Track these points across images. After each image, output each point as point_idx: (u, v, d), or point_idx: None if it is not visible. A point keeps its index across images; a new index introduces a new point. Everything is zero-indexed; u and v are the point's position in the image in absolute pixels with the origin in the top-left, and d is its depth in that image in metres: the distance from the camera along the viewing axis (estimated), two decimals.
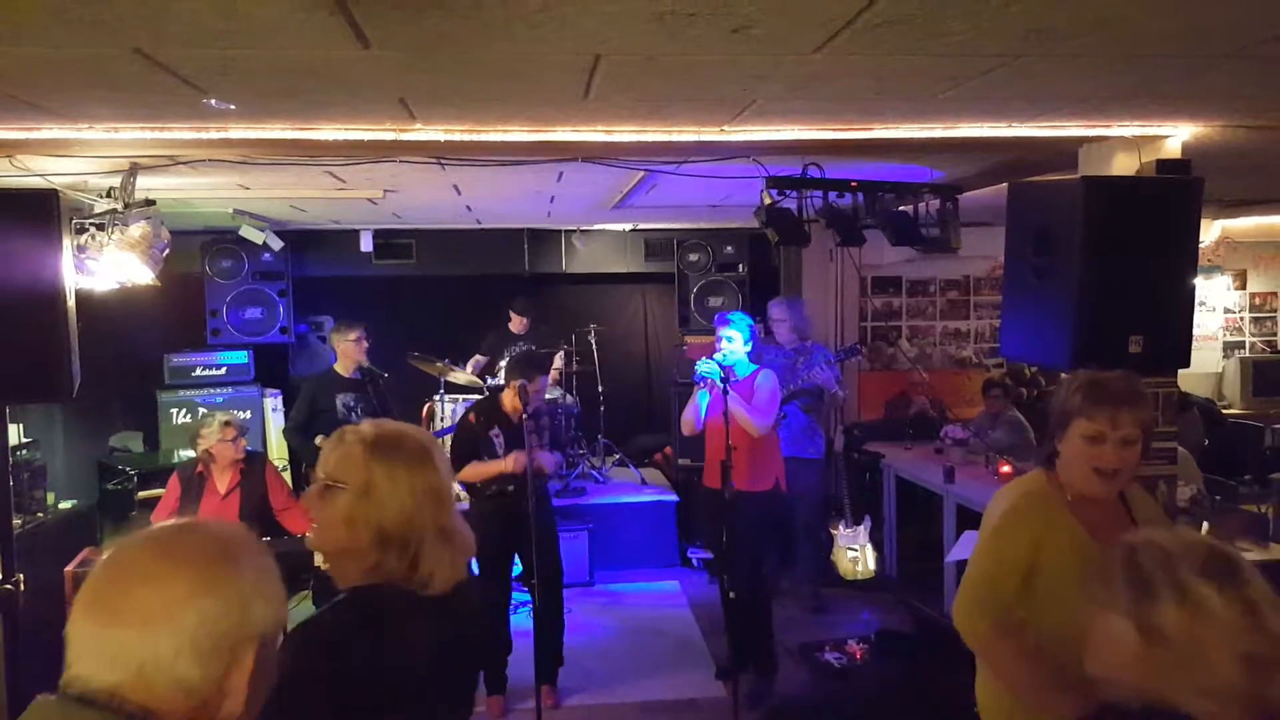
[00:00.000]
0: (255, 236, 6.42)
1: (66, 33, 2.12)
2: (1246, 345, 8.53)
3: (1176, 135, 3.54)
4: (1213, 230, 7.50)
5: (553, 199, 5.62)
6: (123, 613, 1.11)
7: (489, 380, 6.90)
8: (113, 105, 2.92)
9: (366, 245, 7.61)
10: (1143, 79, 2.74)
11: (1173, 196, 3.24)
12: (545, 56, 2.40)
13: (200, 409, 6.45)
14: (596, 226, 7.87)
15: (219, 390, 6.91)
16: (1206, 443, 6.52)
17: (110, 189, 4.07)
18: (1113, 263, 3.12)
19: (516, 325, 7.10)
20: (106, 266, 4.11)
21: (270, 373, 7.32)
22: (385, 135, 3.39)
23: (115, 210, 4.04)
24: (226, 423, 4.64)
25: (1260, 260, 8.51)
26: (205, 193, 5.06)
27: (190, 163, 3.88)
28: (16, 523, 3.71)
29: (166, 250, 4.37)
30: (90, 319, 3.37)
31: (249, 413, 6.77)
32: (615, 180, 4.67)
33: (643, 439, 8.06)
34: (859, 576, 5.80)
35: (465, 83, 2.68)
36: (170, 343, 7.02)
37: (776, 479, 4.67)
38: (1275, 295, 8.57)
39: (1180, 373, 3.68)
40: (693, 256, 7.58)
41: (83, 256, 4.00)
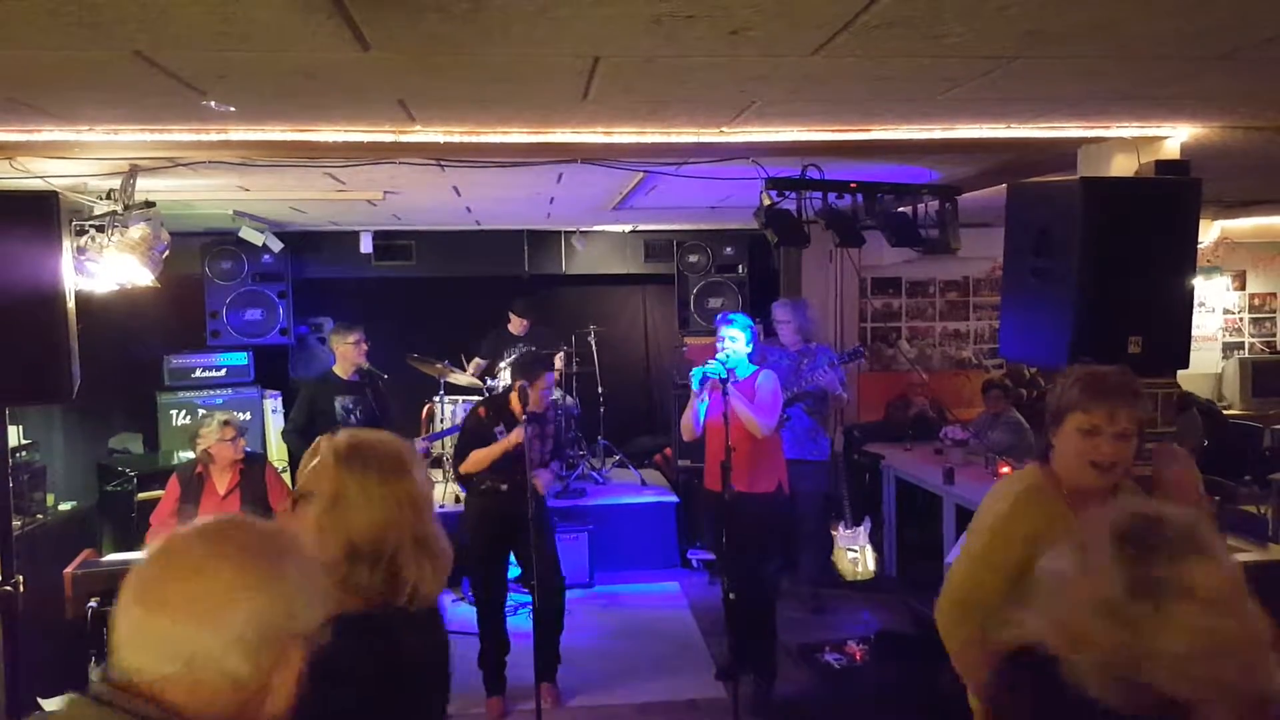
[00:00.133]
0: (255, 238, 6.42)
1: (66, 35, 2.12)
2: (1246, 346, 8.53)
3: (1175, 136, 3.54)
4: (1212, 231, 7.50)
5: (552, 200, 5.62)
6: (174, 604, 1.10)
7: (489, 382, 6.90)
8: (112, 107, 2.92)
9: (366, 247, 7.60)
10: (1140, 80, 2.74)
11: (1172, 197, 3.24)
12: (544, 58, 2.40)
13: (200, 410, 6.45)
14: (596, 228, 7.86)
15: (219, 392, 6.91)
16: (1206, 443, 6.52)
17: (110, 191, 4.08)
18: (1112, 263, 3.12)
19: (516, 327, 7.10)
20: (106, 268, 4.11)
21: (270, 374, 7.33)
22: (385, 137, 3.39)
23: (115, 212, 4.05)
24: (225, 423, 4.65)
25: (1259, 261, 8.51)
26: (205, 194, 5.06)
27: (190, 164, 3.88)
28: (16, 524, 3.71)
29: (166, 252, 4.37)
30: (90, 320, 3.37)
31: (248, 414, 6.77)
32: (615, 181, 4.67)
33: (642, 440, 8.07)
34: (859, 577, 5.81)
35: (464, 85, 2.68)
36: (170, 344, 7.02)
37: (780, 481, 4.66)
38: (1274, 296, 8.57)
39: (1179, 374, 3.68)
40: (692, 258, 7.58)
41: (83, 258, 4.00)
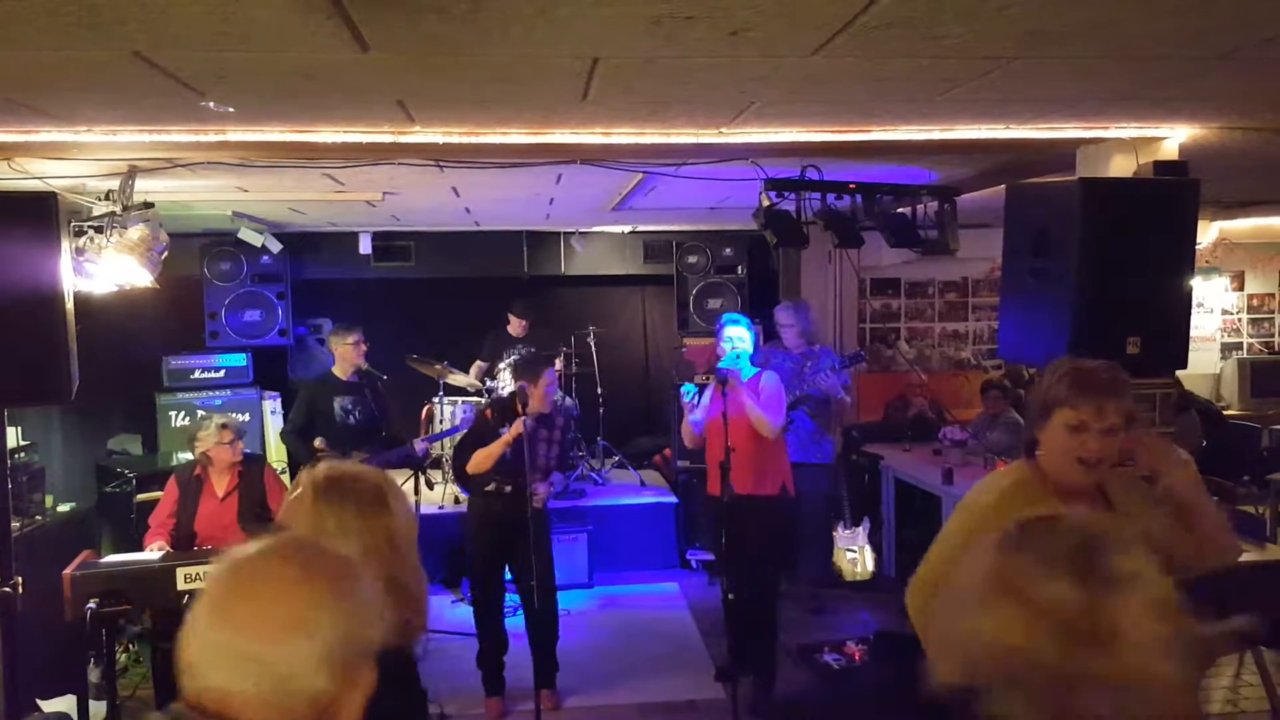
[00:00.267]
0: (254, 239, 6.42)
1: (65, 35, 2.12)
2: (1244, 346, 8.54)
3: (1174, 137, 3.54)
4: (1210, 232, 7.50)
5: (551, 201, 5.62)
6: (258, 624, 1.08)
7: (488, 383, 6.90)
8: (111, 108, 2.92)
9: (365, 247, 7.60)
10: (1139, 81, 2.75)
11: (1170, 198, 3.25)
12: (543, 59, 2.40)
13: (199, 411, 6.43)
14: (595, 229, 7.86)
15: (217, 393, 6.90)
16: (1205, 443, 6.52)
17: (109, 191, 4.07)
18: (1110, 264, 3.13)
19: (515, 328, 7.09)
20: (105, 269, 4.10)
21: (269, 375, 7.32)
22: (384, 138, 3.39)
23: (114, 213, 4.04)
24: (224, 425, 4.64)
25: (1258, 261, 8.51)
26: (204, 195, 5.06)
27: (189, 165, 3.88)
28: (15, 525, 3.70)
29: (165, 252, 4.37)
30: (89, 321, 3.37)
31: (247, 415, 6.76)
32: (614, 182, 4.67)
33: (642, 441, 8.07)
34: (858, 577, 5.81)
35: (464, 85, 2.68)
36: (169, 345, 7.01)
37: (784, 484, 4.63)
38: (1273, 296, 8.57)
39: (1178, 374, 3.68)
40: (691, 258, 7.58)
41: (81, 259, 3.99)
